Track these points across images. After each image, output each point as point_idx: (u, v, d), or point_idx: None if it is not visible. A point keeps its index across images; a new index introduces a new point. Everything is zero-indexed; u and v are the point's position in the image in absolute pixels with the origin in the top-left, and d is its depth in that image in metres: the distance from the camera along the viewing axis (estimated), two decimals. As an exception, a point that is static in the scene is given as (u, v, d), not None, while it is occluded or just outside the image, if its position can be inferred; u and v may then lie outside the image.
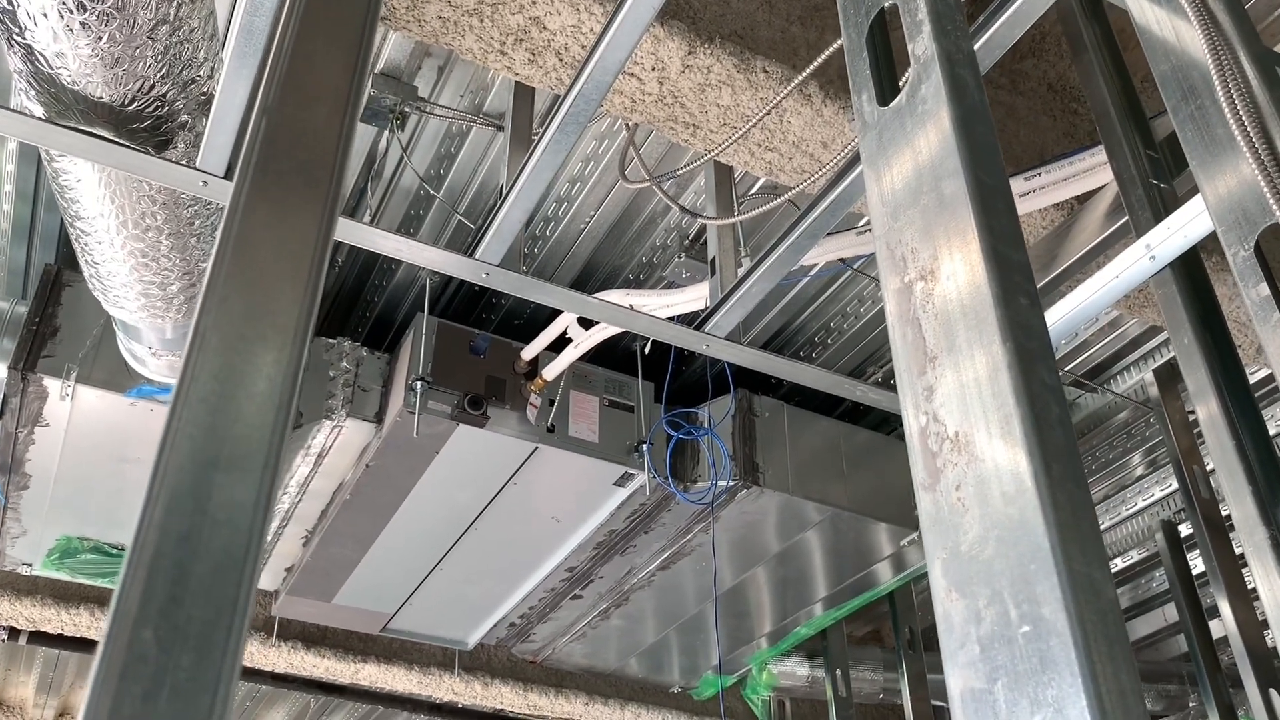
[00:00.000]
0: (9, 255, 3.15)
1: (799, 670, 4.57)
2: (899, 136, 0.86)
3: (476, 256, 1.89)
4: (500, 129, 2.76)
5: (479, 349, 3.16)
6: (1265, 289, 1.07)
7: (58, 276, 2.96)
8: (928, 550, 0.71)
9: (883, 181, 0.87)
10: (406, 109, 2.68)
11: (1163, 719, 4.68)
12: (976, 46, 1.57)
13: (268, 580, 3.99)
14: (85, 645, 4.29)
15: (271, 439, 0.60)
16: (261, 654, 4.20)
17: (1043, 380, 0.69)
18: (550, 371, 3.09)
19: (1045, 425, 0.67)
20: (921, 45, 0.87)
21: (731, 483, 3.18)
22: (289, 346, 0.68)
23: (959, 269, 0.75)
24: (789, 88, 1.89)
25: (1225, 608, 2.98)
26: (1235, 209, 1.13)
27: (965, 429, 0.70)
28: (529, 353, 3.13)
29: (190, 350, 0.69)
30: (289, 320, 0.71)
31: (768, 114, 1.91)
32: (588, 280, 3.33)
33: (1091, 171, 2.12)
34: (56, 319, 2.88)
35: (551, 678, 4.64)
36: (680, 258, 3.12)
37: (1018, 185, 2.17)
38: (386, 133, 2.80)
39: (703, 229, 3.05)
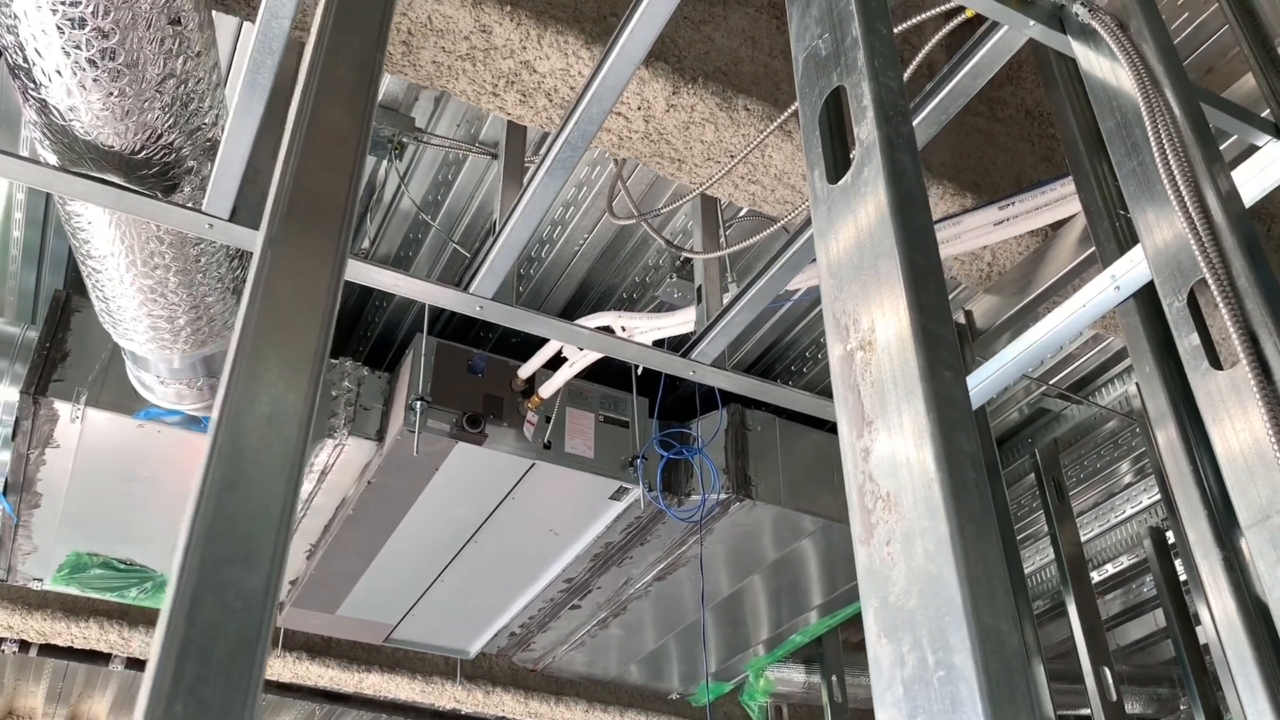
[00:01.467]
0: (19, 280, 3.23)
1: (795, 676, 4.65)
2: (845, 213, 0.95)
3: (471, 291, 1.97)
4: (493, 156, 2.85)
5: (477, 368, 3.24)
6: (1195, 339, 1.15)
7: (67, 302, 3.04)
8: (863, 598, 0.79)
9: (830, 253, 0.95)
10: (404, 139, 2.77)
11: (1152, 722, 4.75)
12: (952, 84, 1.65)
13: (273, 592, 4.07)
14: (94, 657, 4.39)
15: (278, 540, 0.68)
16: (267, 665, 4.28)
17: (961, 448, 0.77)
18: (546, 390, 3.18)
19: (962, 490, 0.75)
20: (866, 130, 0.95)
21: (724, 496, 3.27)
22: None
23: (892, 342, 0.84)
24: (771, 126, 1.97)
25: (1205, 614, 3.06)
26: (1170, 261, 1.22)
27: (895, 490, 0.79)
28: (526, 371, 3.21)
29: (214, 439, 0.77)
30: (300, 414, 0.79)
31: (750, 151, 1.99)
32: (583, 299, 3.42)
33: (1063, 201, 2.20)
34: (66, 344, 2.96)
35: (552, 685, 4.72)
36: (672, 278, 3.20)
37: (992, 214, 2.25)
38: (385, 162, 2.88)
39: (692, 247, 3.13)
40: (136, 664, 4.46)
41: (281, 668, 4.28)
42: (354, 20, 1.09)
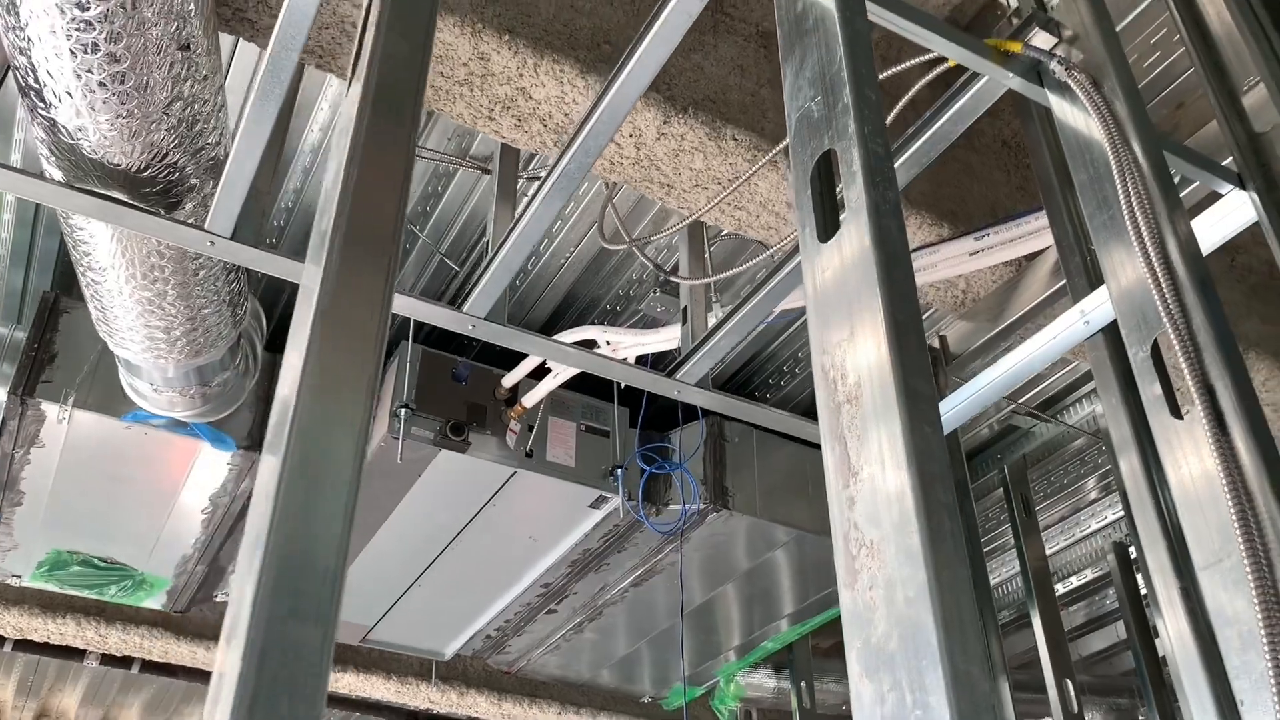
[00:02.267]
0: (7, 279, 3.25)
1: (766, 682, 4.73)
2: (834, 272, 1.02)
3: (465, 310, 2.03)
4: (485, 171, 2.90)
5: (461, 376, 3.29)
6: (1157, 389, 1.23)
7: (55, 303, 3.07)
8: (846, 639, 0.86)
9: (821, 309, 1.02)
10: (396, 152, 2.82)
11: (1112, 731, 4.87)
12: (934, 128, 1.73)
13: (251, 592, 4.10)
14: (68, 652, 4.40)
15: (334, 595, 0.74)
16: (243, 663, 4.31)
17: (939, 500, 0.84)
18: (530, 399, 3.23)
19: (939, 539, 0.82)
20: (855, 194, 1.02)
21: (701, 506, 3.34)
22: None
23: (877, 397, 0.90)
24: (760, 161, 2.04)
25: (1164, 629, 3.16)
26: (1135, 310, 1.30)
27: (878, 538, 0.86)
28: (509, 380, 3.27)
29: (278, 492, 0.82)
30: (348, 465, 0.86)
31: (740, 184, 2.06)
32: (567, 310, 3.47)
33: (1036, 234, 2.28)
34: (54, 345, 2.99)
35: (525, 687, 4.78)
36: (655, 292, 3.26)
37: (968, 244, 2.33)
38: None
39: (678, 264, 3.19)
40: (111, 660, 4.47)
41: (257, 666, 4.31)
42: (399, 60, 1.14)
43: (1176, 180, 1.80)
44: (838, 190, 1.07)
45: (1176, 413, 1.21)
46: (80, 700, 5.60)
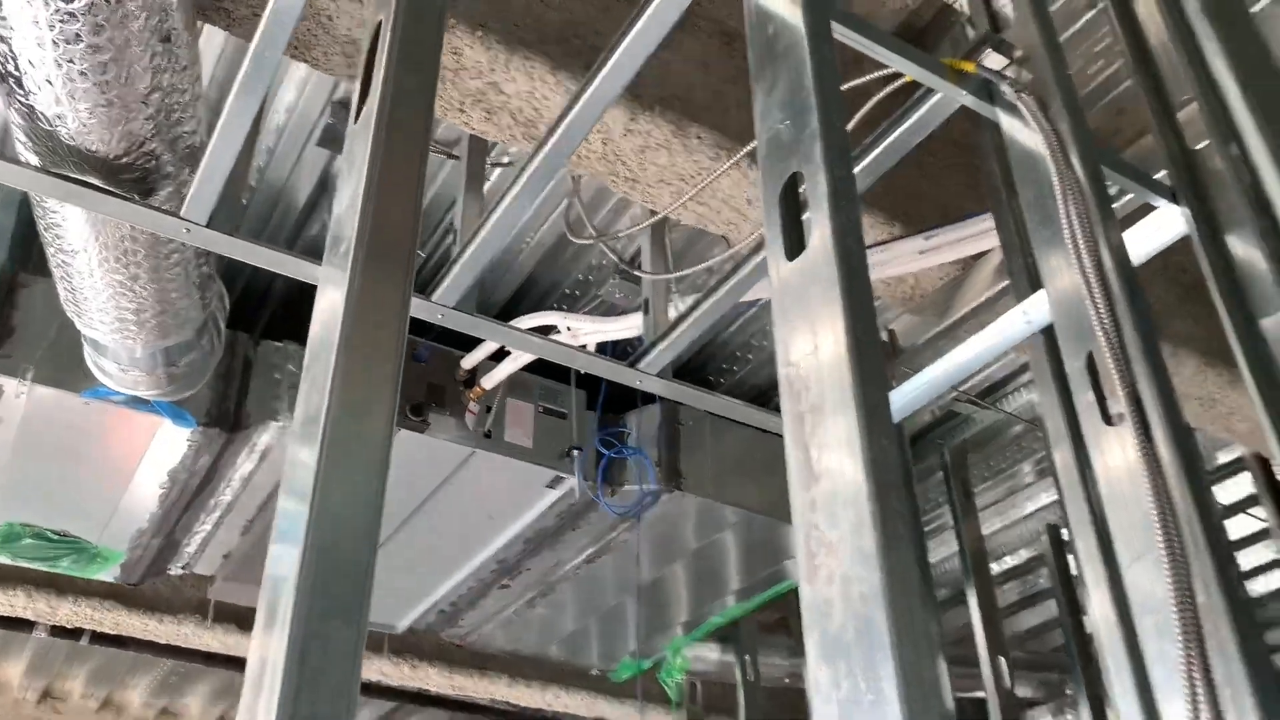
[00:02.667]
0: (-39, 253, 3.23)
1: (711, 655, 4.86)
2: (800, 289, 1.10)
3: (434, 299, 2.08)
4: (451, 156, 2.94)
5: (421, 357, 3.34)
6: (1091, 397, 1.33)
7: (13, 278, 3.05)
8: (806, 628, 0.95)
9: (788, 322, 1.10)
10: (361, 135, 2.85)
11: (1040, 705, 5.08)
12: (891, 139, 1.82)
13: (205, 566, 4.12)
14: (16, 624, 4.39)
15: (366, 591, 0.82)
16: (196, 635, 4.34)
17: (893, 507, 0.92)
18: (489, 381, 3.29)
19: (893, 543, 0.91)
20: (819, 217, 1.10)
21: (656, 488, 3.43)
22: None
23: (838, 411, 0.99)
24: (725, 162, 2.12)
25: (1091, 612, 3.32)
26: (1073, 324, 1.40)
27: (836, 539, 0.94)
28: (469, 362, 3.32)
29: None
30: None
31: (707, 184, 2.14)
32: (527, 293, 3.53)
33: (983, 235, 2.38)
34: (12, 320, 2.98)
35: (476, 660, 4.86)
36: (616, 279, 3.33)
37: (917, 243, 2.43)
38: (340, 156, 2.95)
39: (640, 251, 3.26)
40: (61, 631, 4.47)
41: (210, 638, 4.34)
42: (416, 65, 1.21)
43: (1115, 191, 1.92)
44: (804, 212, 1.15)
45: (1108, 419, 1.32)
46: (25, 670, 5.57)
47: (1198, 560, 1.15)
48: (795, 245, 1.14)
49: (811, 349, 1.05)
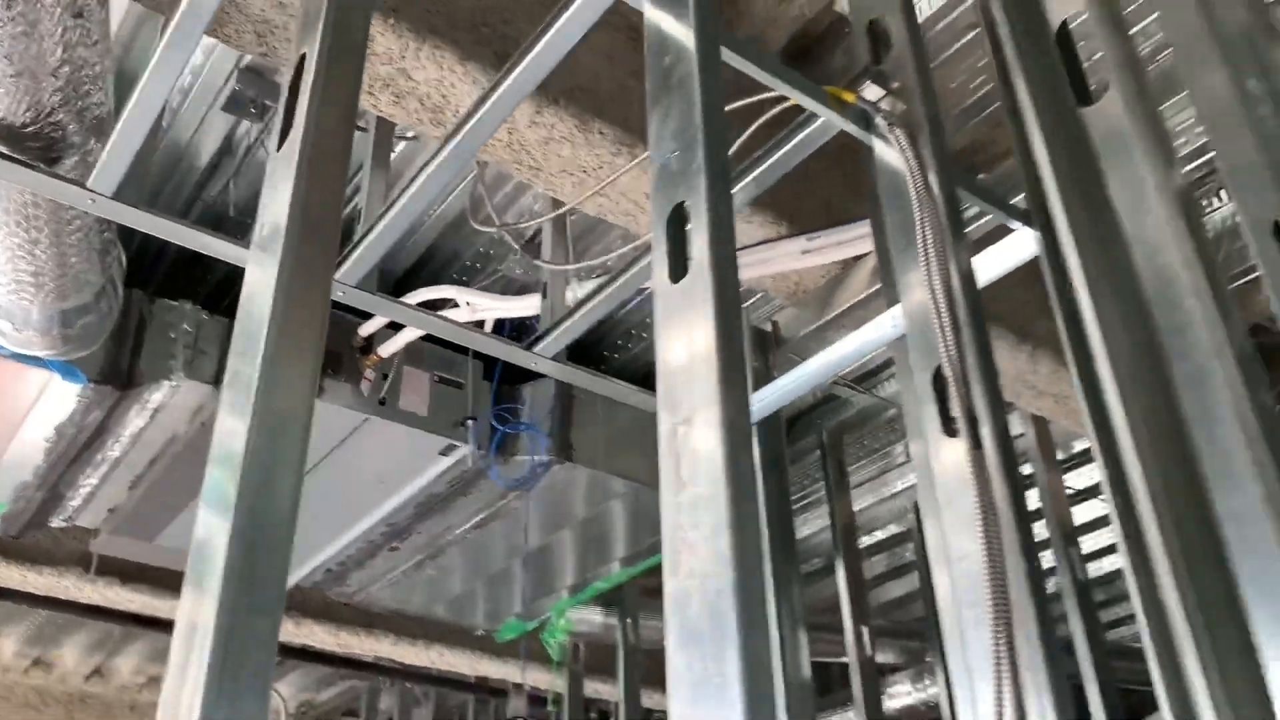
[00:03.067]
0: None
1: (594, 618, 5.03)
2: (679, 310, 1.22)
3: (337, 277, 2.15)
4: (358, 128, 2.97)
5: (319, 322, 3.37)
6: (934, 409, 1.50)
7: (-104, 224, 2.99)
8: (667, 615, 1.08)
9: (666, 339, 1.23)
10: (268, 102, 2.87)
11: (902, 670, 5.40)
12: (776, 157, 1.96)
13: (89, 519, 4.09)
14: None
15: (289, 538, 0.94)
16: (77, 588, 4.31)
17: (746, 512, 1.06)
18: (386, 349, 3.36)
19: (744, 544, 1.04)
20: (699, 247, 1.22)
21: (547, 459, 3.55)
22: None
23: (704, 425, 1.12)
24: (627, 163, 2.23)
25: (938, 591, 3.58)
26: (921, 338, 1.56)
27: (696, 538, 1.08)
28: (367, 329, 3.37)
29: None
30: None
31: (611, 181, 2.24)
32: (427, 263, 3.59)
33: (861, 240, 2.55)
34: (-105, 268, 2.92)
35: (362, 619, 4.93)
36: (516, 254, 3.42)
37: (800, 244, 2.58)
38: (246, 122, 2.96)
39: (540, 232, 3.35)
40: (-66, 582, 4.39)
41: (92, 591, 4.32)
42: (345, 50, 1.31)
43: (976, 212, 2.09)
44: (688, 238, 1.28)
45: (949, 431, 1.48)
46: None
47: (1012, 563, 1.33)
48: (679, 268, 1.26)
49: (686, 366, 1.18)
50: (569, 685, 5.11)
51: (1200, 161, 2.98)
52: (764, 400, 2.71)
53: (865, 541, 5.37)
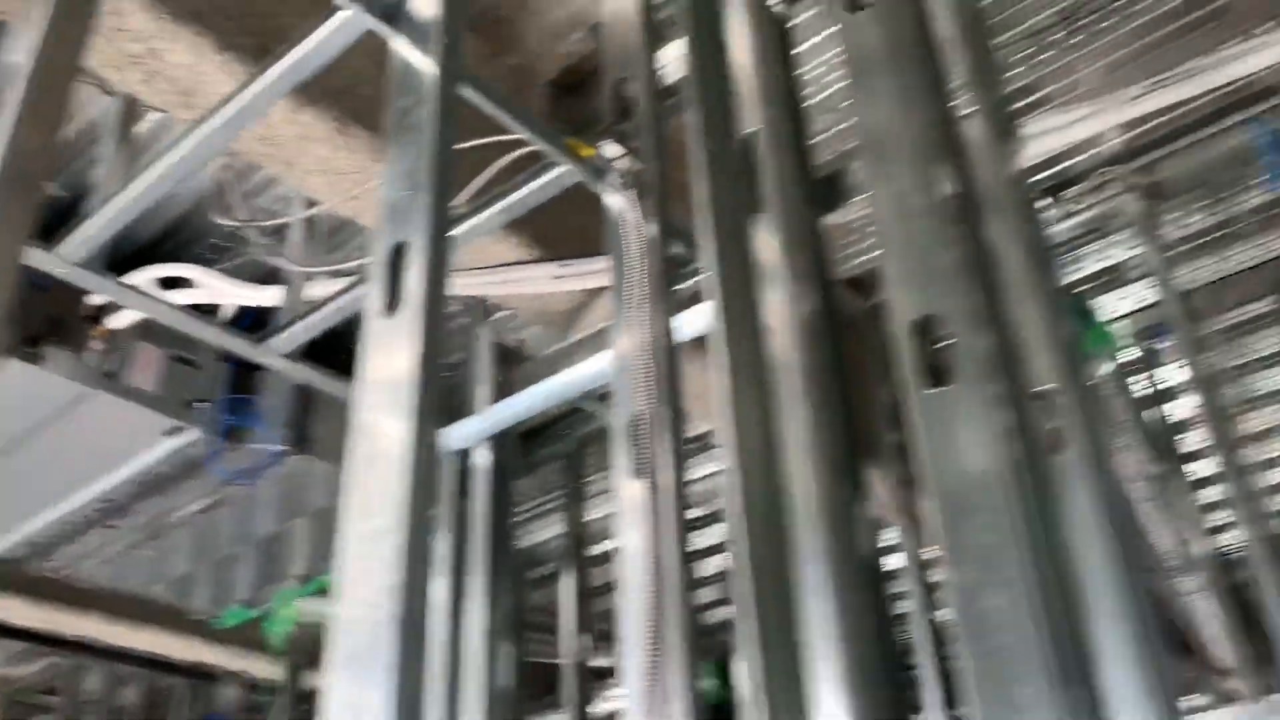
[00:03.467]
0: None
1: (319, 610, 4.96)
2: (390, 342, 1.29)
3: (59, 253, 2.07)
4: (106, 92, 2.84)
5: (44, 285, 3.19)
6: (627, 450, 1.64)
7: None
8: (333, 638, 1.15)
9: (371, 368, 1.29)
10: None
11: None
12: (514, 197, 2.05)
13: None
14: None
15: None
16: None
17: (419, 550, 1.15)
18: (116, 321, 3.21)
19: (412, 581, 1.13)
20: (414, 284, 1.29)
21: (280, 449, 3.49)
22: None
23: (392, 472, 1.20)
24: (373, 183, 2.26)
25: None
26: (623, 385, 1.69)
27: (369, 570, 1.15)
28: (96, 299, 3.22)
29: None
30: None
31: (368, 188, 2.27)
32: (173, 236, 3.45)
33: (606, 272, 2.68)
34: None
35: (68, 595, 4.65)
36: (261, 245, 3.34)
37: (553, 269, 2.69)
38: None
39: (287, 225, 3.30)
40: None
41: None
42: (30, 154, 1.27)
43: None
44: (404, 277, 1.35)
45: (637, 473, 1.62)
46: None
47: (669, 603, 1.48)
48: (394, 303, 1.33)
49: (388, 406, 1.25)
50: (288, 675, 5.02)
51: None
52: (499, 415, 2.81)
53: (606, 547, 5.55)
